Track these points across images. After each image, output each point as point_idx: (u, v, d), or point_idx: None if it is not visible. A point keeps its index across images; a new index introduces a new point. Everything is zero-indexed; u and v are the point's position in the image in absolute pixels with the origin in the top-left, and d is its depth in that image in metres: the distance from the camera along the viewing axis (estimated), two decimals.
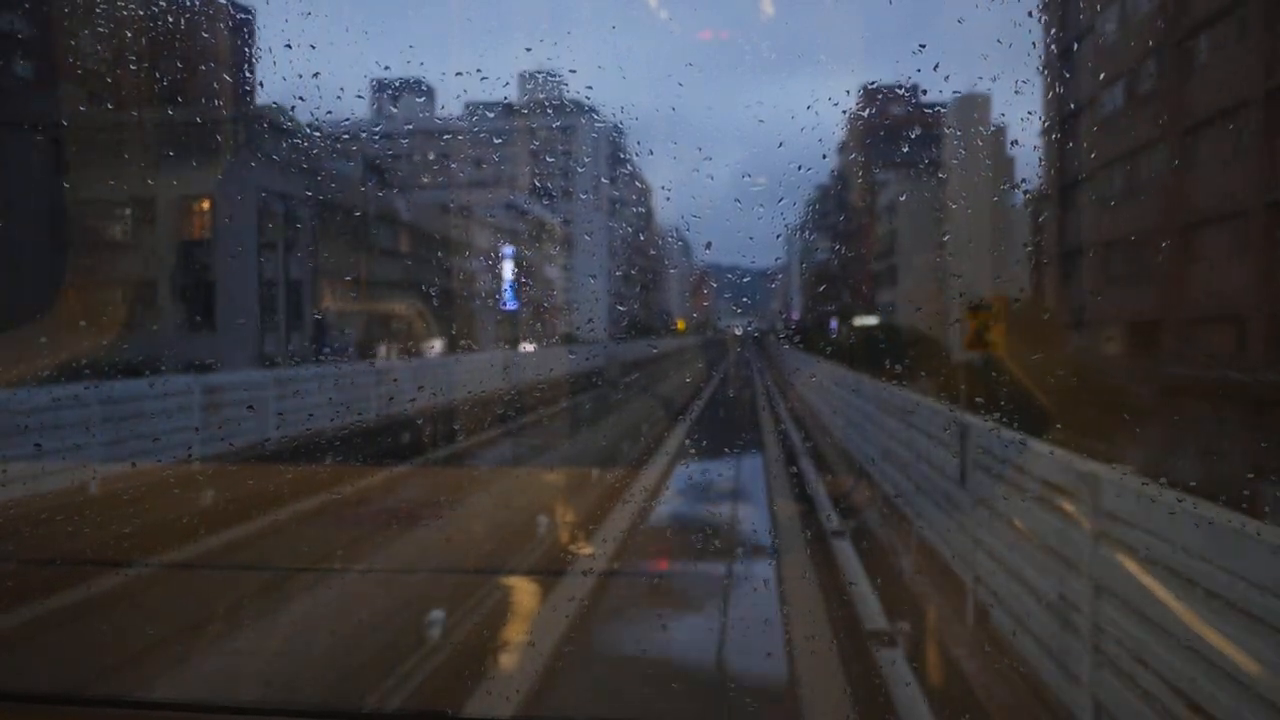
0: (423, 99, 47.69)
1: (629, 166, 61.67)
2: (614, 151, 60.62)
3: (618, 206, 65.27)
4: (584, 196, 58.38)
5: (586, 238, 57.57)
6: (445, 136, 46.42)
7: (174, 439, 10.74)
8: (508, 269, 33.41)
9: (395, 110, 44.04)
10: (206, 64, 15.72)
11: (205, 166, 17.00)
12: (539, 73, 56.56)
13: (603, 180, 61.19)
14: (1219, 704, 3.37)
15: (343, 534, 9.36)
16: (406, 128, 44.64)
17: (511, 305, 33.64)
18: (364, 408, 13.53)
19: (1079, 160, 24.14)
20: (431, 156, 39.93)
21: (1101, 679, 4.24)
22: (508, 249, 33.65)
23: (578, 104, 59.46)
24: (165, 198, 16.80)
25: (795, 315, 71.39)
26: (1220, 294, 17.89)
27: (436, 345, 24.83)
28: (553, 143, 58.44)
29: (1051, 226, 27.16)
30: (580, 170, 58.83)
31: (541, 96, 59.44)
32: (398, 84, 45.47)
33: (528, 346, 35.95)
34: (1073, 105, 23.33)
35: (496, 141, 50.13)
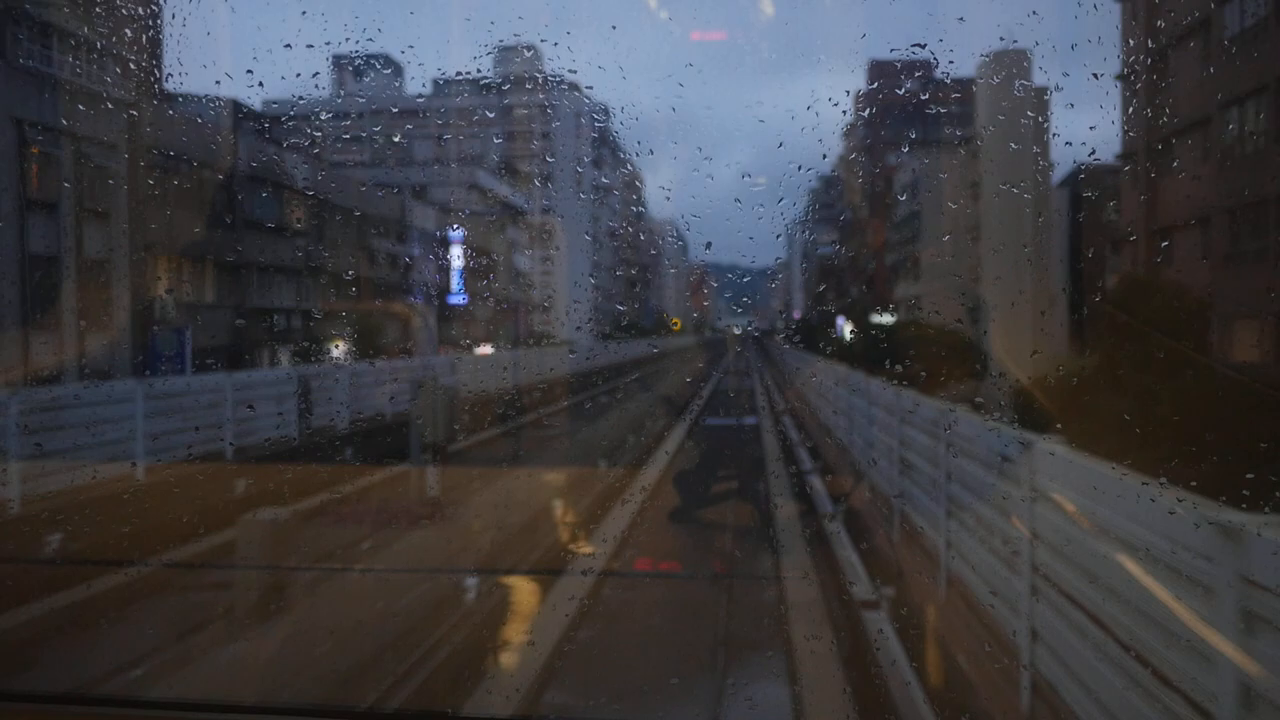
0: (388, 74, 42.20)
1: (617, 151, 55.68)
2: (600, 133, 54.64)
3: (604, 194, 59.34)
4: (564, 181, 52.47)
5: (567, 226, 51.66)
6: (400, 110, 40.73)
7: None
8: (456, 257, 27.67)
9: (352, 88, 38.45)
10: None
11: None
12: (515, 46, 51.61)
13: (586, 164, 55.28)
14: None
15: None
16: (358, 101, 39.00)
17: (460, 300, 27.93)
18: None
19: (1181, 106, 18.34)
20: (377, 129, 34.26)
21: None
22: (456, 233, 27.89)
23: (559, 80, 54.07)
24: None
25: (797, 314, 67.98)
26: None
27: (337, 350, 19.08)
28: (529, 122, 52.63)
29: (1133, 194, 21.33)
30: (561, 152, 53.02)
31: (519, 72, 54.27)
32: (361, 59, 40.51)
33: (485, 349, 30.30)
34: (1177, 30, 17.57)
35: (459, 116, 44.37)
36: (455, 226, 27.96)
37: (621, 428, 16.71)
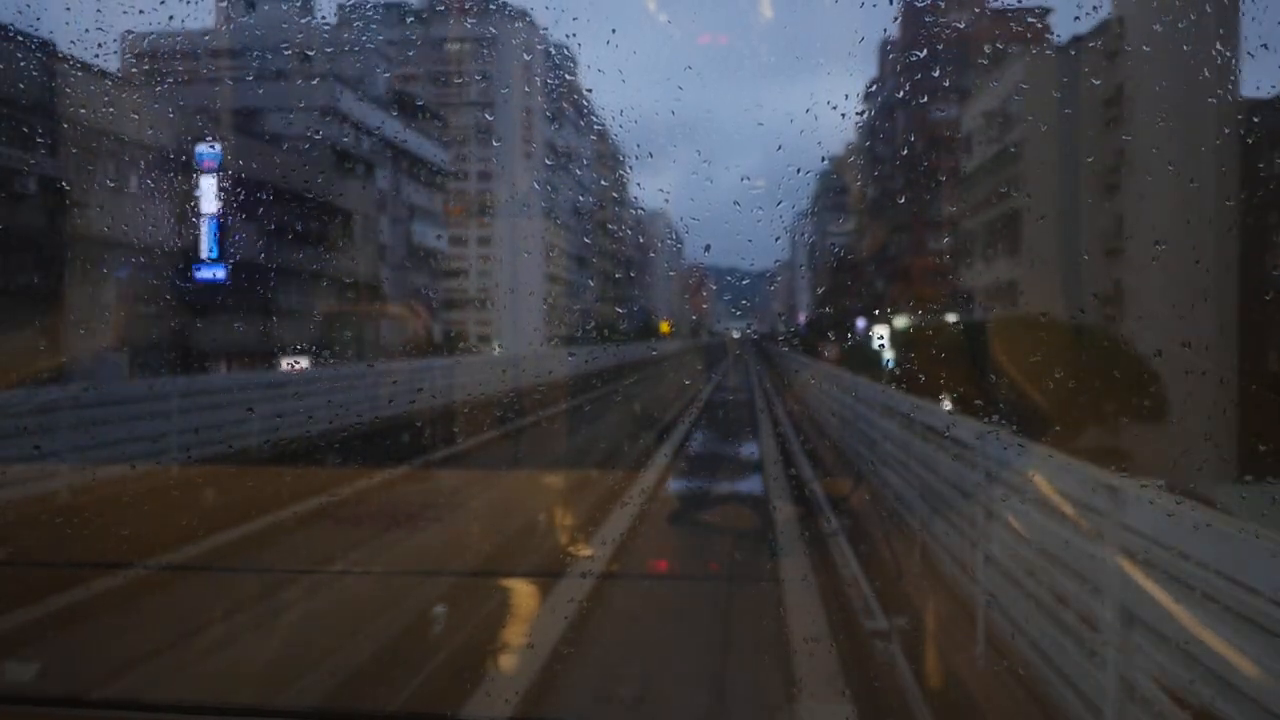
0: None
1: (579, 99, 42.60)
2: (558, 80, 41.86)
3: (566, 159, 46.57)
4: (509, 137, 39.86)
5: (512, 197, 39.06)
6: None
7: None
8: (209, 197, 15.11)
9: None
10: None
11: None
12: None
13: (540, 117, 42.52)
14: None
15: None
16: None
17: (214, 274, 15.42)
18: None
19: None
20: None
21: None
22: (210, 152, 15.29)
23: (502, 6, 41.64)
24: None
25: (802, 317, 58.34)
26: None
27: None
28: (460, 60, 40.05)
29: None
30: (503, 96, 40.36)
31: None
32: None
33: (296, 362, 17.82)
34: None
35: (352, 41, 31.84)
36: (211, 143, 15.35)
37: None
